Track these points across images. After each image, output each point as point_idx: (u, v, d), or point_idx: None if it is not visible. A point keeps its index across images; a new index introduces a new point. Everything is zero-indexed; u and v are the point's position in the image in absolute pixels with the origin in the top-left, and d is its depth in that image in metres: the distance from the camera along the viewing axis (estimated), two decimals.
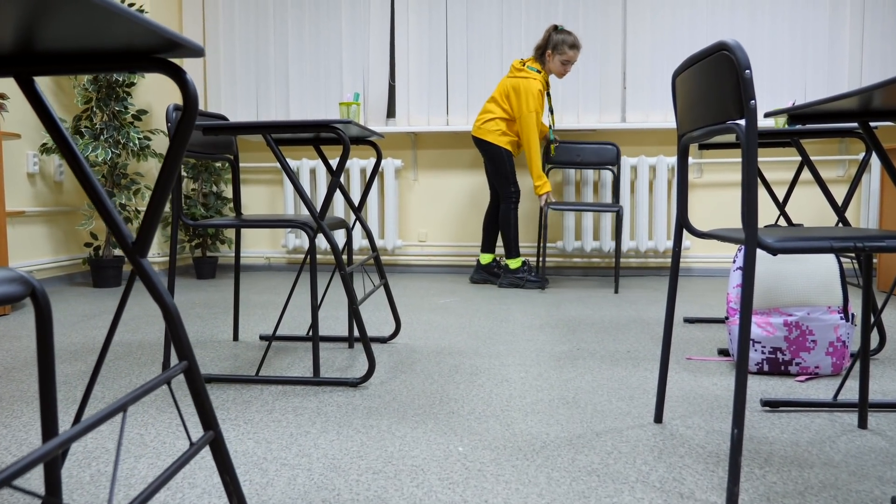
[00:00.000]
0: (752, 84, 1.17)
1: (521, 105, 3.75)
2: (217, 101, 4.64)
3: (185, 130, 0.91)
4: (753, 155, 1.17)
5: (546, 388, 1.94)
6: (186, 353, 0.95)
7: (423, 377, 2.05)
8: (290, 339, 2.57)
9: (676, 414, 1.71)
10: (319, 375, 2.03)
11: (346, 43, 4.50)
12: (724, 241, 1.35)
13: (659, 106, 4.27)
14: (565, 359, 2.27)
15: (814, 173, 2.33)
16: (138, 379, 2.06)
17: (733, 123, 1.24)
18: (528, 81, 3.74)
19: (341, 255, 1.90)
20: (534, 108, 3.74)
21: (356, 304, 1.93)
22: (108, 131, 3.79)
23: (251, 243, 4.76)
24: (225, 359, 2.29)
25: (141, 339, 2.59)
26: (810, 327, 2.03)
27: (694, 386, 1.95)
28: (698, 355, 2.31)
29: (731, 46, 1.19)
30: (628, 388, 1.93)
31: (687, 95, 1.45)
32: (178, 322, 0.94)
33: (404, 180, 4.61)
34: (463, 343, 2.51)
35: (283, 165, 1.92)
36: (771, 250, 1.21)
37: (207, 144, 2.14)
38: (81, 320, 2.96)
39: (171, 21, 4.49)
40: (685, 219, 1.56)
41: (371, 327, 2.80)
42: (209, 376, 2.01)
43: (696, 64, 1.35)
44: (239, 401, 1.84)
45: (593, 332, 2.67)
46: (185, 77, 0.90)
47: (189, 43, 0.88)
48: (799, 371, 2.06)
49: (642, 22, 4.25)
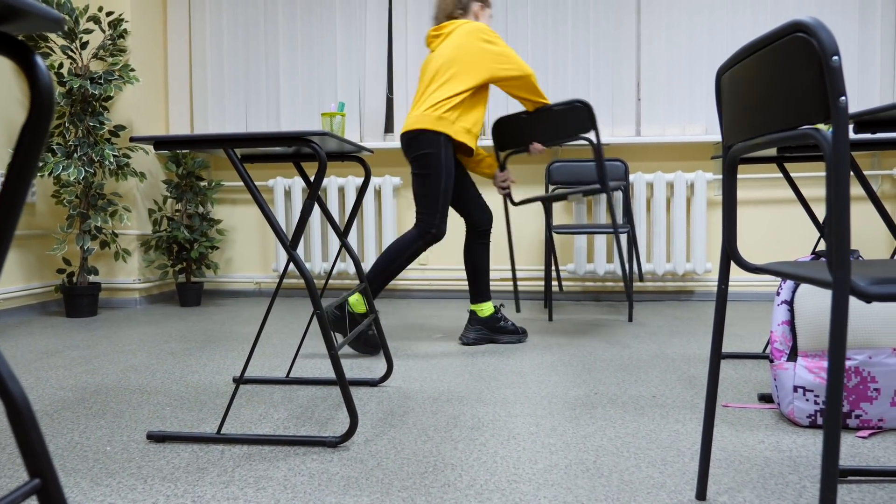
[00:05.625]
0: (842, 74, 0.87)
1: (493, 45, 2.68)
2: (204, 117, 4.36)
3: (35, 133, 0.62)
4: (844, 169, 0.87)
5: (561, 447, 1.63)
6: (41, 467, 0.65)
7: (415, 433, 1.74)
8: (265, 383, 2.26)
9: (722, 487, 1.39)
10: (292, 433, 1.72)
11: (341, 54, 4.23)
12: (795, 280, 1.05)
13: (676, 119, 3.97)
14: (581, 407, 1.96)
15: (867, 189, 2.02)
16: (82, 437, 1.75)
17: (811, 129, 0.94)
18: (478, 24, 2.71)
19: (316, 290, 1.60)
20: (500, 40, 2.71)
21: (334, 350, 1.63)
22: (81, 148, 3.51)
23: (240, 267, 4.46)
24: (188, 408, 1.99)
25: (99, 383, 2.28)
26: (872, 373, 1.72)
27: (737, 444, 1.64)
28: (735, 401, 1.99)
29: (810, 26, 0.90)
30: (659, 448, 1.62)
31: (739, 96, 1.15)
32: (28, 422, 0.64)
33: (403, 199, 4.31)
34: (464, 386, 2.19)
35: (247, 184, 1.63)
36: (866, 297, 0.90)
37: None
38: (40, 358, 2.67)
39: (155, 34, 4.23)
40: (734, 249, 1.26)
41: (360, 366, 2.49)
42: (162, 434, 1.71)
43: (756, 54, 1.06)
44: (192, 468, 1.53)
45: (611, 372, 2.36)
46: (33, 60, 0.61)
47: (41, 10, 0.59)
48: (859, 425, 1.74)
49: (658, 29, 3.96)
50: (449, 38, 2.72)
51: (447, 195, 2.65)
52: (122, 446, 1.67)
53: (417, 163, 2.66)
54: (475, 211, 2.86)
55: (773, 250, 4.00)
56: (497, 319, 2.85)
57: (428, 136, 2.63)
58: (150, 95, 4.16)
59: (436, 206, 2.63)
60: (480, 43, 2.66)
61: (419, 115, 2.67)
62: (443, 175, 2.63)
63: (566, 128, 2.92)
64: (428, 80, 2.72)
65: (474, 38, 2.66)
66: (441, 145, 2.63)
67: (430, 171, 2.63)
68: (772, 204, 4.00)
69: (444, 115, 2.63)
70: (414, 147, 2.66)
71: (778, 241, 4.00)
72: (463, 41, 2.67)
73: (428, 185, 2.64)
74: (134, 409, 1.98)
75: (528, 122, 3.00)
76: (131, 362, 2.58)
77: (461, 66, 2.66)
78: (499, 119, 3.10)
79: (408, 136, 2.68)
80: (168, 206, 4.32)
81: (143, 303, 4.06)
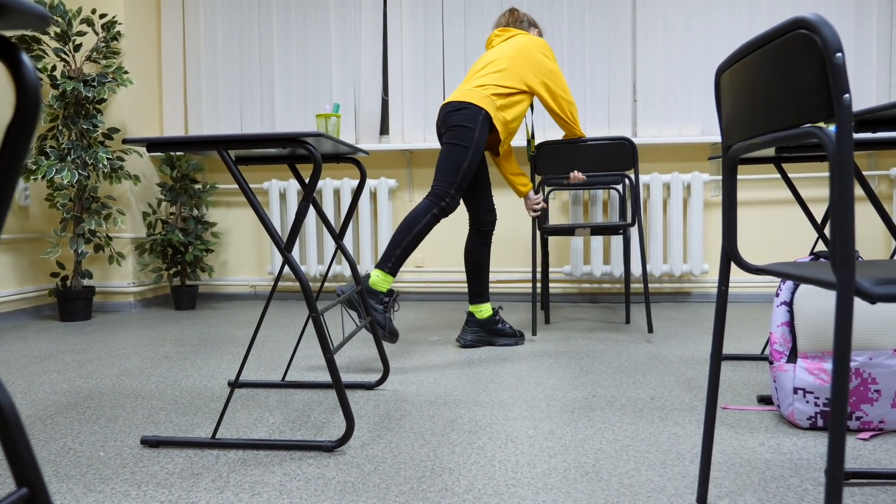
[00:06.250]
0: (845, 72, 0.85)
1: (548, 60, 2.76)
2: (198, 119, 4.34)
3: (20, 133, 0.60)
4: (848, 168, 0.85)
5: (560, 451, 1.61)
6: (29, 475, 0.63)
7: (412, 437, 1.73)
8: (261, 386, 2.24)
9: (723, 490, 1.38)
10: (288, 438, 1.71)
11: (336, 55, 4.21)
12: (798, 281, 1.03)
13: (672, 119, 3.97)
14: (580, 409, 1.94)
15: (866, 189, 2.01)
16: (75, 442, 1.73)
17: (813, 127, 0.93)
18: (534, 37, 2.82)
19: (312, 293, 1.58)
20: (555, 60, 2.81)
21: (330, 353, 1.61)
22: (75, 151, 3.49)
23: (235, 270, 4.44)
24: (183, 412, 1.97)
25: (93, 388, 2.26)
26: (872, 375, 1.71)
27: (737, 447, 1.62)
28: (734, 403, 1.98)
29: (813, 23, 0.88)
30: (659, 452, 1.60)
31: (740, 95, 1.14)
32: (14, 429, 0.62)
33: (399, 201, 4.30)
34: (461, 389, 2.18)
35: (241, 186, 1.61)
36: (870, 298, 0.89)
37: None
38: (34, 362, 2.64)
39: (149, 36, 4.21)
40: (734, 250, 1.24)
41: (356, 369, 2.47)
42: (156, 439, 1.68)
43: (756, 52, 1.04)
44: (187, 473, 1.51)
45: (609, 374, 2.35)
46: (19, 57, 0.59)
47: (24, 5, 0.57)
48: (860, 426, 1.73)
49: (654, 30, 3.96)
50: (512, 40, 2.80)
51: (469, 171, 2.64)
52: (115, 451, 1.65)
53: (452, 133, 2.66)
54: (482, 209, 2.85)
55: (769, 251, 4.00)
56: (495, 322, 2.83)
57: (471, 111, 2.64)
58: (144, 98, 4.14)
59: (454, 178, 2.62)
60: (539, 54, 2.75)
61: (467, 90, 2.70)
62: (472, 150, 2.63)
63: (608, 161, 2.99)
64: (481, 66, 2.78)
65: (535, 48, 2.76)
66: (479, 122, 2.64)
67: (462, 142, 2.63)
68: (767, 205, 3.99)
69: (491, 96, 2.68)
70: (453, 118, 2.67)
71: (774, 242, 3.99)
72: (525, 45, 2.75)
73: (454, 154, 2.63)
74: (128, 414, 1.96)
75: (570, 150, 2.99)
76: (125, 366, 2.55)
77: (516, 65, 2.72)
78: (541, 143, 3.08)
79: (450, 106, 2.70)
80: (163, 208, 4.29)
81: (138, 306, 4.03)
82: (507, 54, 2.74)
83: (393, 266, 2.54)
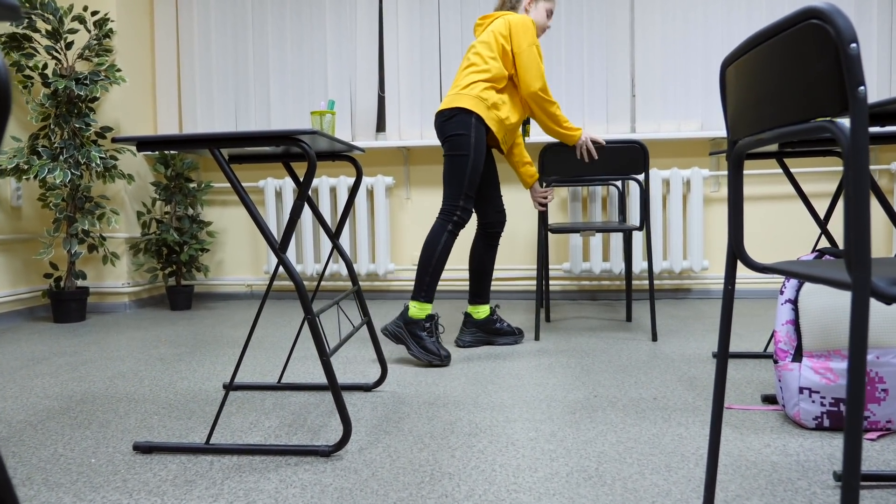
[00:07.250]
0: (860, 63, 0.82)
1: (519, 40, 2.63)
2: (192, 117, 4.30)
3: None
4: (864, 164, 0.82)
5: (562, 454, 1.58)
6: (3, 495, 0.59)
7: (411, 440, 1.69)
8: (256, 389, 2.20)
9: (730, 494, 1.35)
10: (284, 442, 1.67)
11: (332, 52, 4.16)
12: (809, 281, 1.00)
13: (671, 115, 3.93)
14: (581, 410, 1.91)
15: (871, 184, 1.98)
16: (66, 448, 1.69)
17: (826, 121, 0.89)
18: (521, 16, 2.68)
19: (307, 293, 1.54)
20: (533, 41, 2.64)
21: (327, 356, 1.58)
22: (67, 150, 3.44)
23: (231, 269, 4.40)
24: (177, 416, 1.93)
25: (85, 391, 2.22)
26: (880, 374, 1.67)
27: (742, 449, 1.59)
28: (738, 402, 1.95)
29: (825, 12, 0.85)
30: (663, 454, 1.57)
31: (746, 89, 1.10)
32: None
33: (396, 199, 4.26)
34: (460, 390, 2.14)
35: (234, 185, 1.57)
36: (886, 299, 0.85)
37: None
38: (26, 365, 2.60)
39: (142, 34, 4.16)
40: (740, 248, 1.21)
41: (353, 370, 2.43)
42: (149, 445, 1.65)
43: (765, 44, 1.01)
44: (180, 480, 1.47)
45: (610, 373, 2.31)
46: None
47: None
48: (867, 427, 1.69)
49: (652, 25, 3.92)
50: (491, 25, 2.70)
51: (474, 177, 2.59)
52: (107, 458, 1.61)
53: (448, 143, 2.61)
54: (490, 210, 2.81)
55: (770, 247, 3.97)
56: (493, 321, 2.80)
57: (461, 118, 2.58)
58: (138, 96, 4.09)
59: (460, 189, 2.57)
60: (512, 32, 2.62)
61: (455, 94, 2.64)
62: (471, 156, 2.57)
63: (618, 165, 2.92)
64: (466, 64, 2.71)
65: (506, 27, 2.64)
66: (472, 127, 2.58)
67: (460, 151, 2.58)
68: (768, 200, 3.96)
69: (481, 94, 2.60)
70: (446, 128, 2.62)
71: (775, 238, 3.96)
72: (499, 27, 2.65)
73: (455, 165, 2.58)
74: (121, 419, 1.92)
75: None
76: (119, 369, 2.51)
77: (492, 51, 2.64)
78: (546, 145, 2.96)
79: (442, 115, 2.64)
80: (157, 208, 4.25)
81: (133, 307, 3.99)
82: (486, 43, 2.66)
83: (426, 294, 2.54)
